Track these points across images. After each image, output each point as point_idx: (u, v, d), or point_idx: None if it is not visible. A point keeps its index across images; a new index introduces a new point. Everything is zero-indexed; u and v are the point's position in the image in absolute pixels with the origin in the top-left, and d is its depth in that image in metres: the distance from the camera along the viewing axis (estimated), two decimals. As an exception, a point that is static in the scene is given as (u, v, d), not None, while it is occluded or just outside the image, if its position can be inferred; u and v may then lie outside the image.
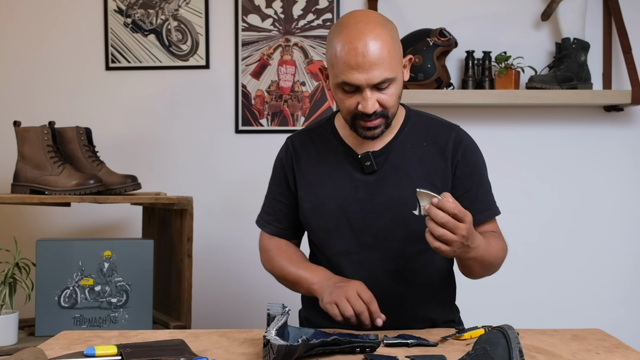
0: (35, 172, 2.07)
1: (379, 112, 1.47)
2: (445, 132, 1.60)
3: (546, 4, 2.48)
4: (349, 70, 1.42)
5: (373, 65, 1.41)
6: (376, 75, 1.42)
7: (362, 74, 1.42)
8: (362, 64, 1.41)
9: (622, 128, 2.56)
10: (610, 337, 1.45)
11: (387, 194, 1.56)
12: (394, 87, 1.47)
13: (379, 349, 1.32)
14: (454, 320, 1.69)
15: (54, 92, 2.61)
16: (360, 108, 1.45)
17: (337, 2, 2.54)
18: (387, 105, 1.47)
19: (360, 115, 1.47)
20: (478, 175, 1.58)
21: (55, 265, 1.96)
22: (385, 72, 1.43)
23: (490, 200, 1.60)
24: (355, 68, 1.41)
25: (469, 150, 1.59)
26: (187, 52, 2.58)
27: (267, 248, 1.69)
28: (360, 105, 1.45)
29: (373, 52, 1.41)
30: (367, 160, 1.55)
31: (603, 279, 2.56)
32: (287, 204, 1.66)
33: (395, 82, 1.47)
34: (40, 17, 2.61)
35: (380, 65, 1.42)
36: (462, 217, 1.31)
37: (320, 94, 2.57)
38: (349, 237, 1.57)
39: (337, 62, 1.44)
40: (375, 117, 1.47)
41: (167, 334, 1.48)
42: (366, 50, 1.41)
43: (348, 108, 1.48)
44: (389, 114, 1.49)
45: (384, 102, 1.46)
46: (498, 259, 1.53)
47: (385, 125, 1.51)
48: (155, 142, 2.60)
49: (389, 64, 1.43)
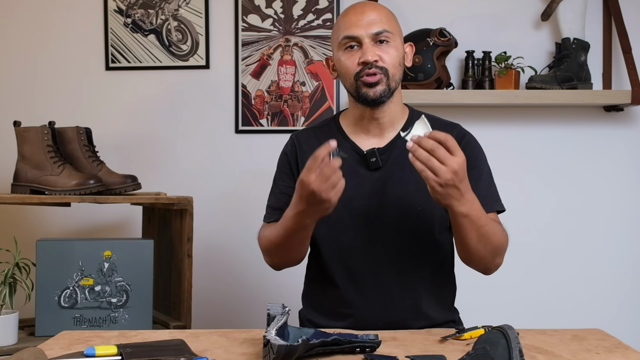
0: (35, 172, 2.07)
1: (380, 65, 1.53)
2: (448, 130, 1.60)
3: (546, 4, 2.48)
4: (349, 27, 1.55)
5: (371, 19, 1.54)
6: (374, 24, 1.54)
7: (361, 26, 1.54)
8: (361, 19, 1.54)
9: (622, 128, 2.56)
10: (610, 337, 1.45)
11: (391, 190, 1.56)
12: (394, 48, 1.55)
13: (379, 348, 1.32)
14: (454, 320, 1.69)
15: (54, 92, 2.61)
16: (362, 59, 1.53)
17: (337, 2, 2.54)
18: (387, 62, 1.54)
19: (362, 71, 1.53)
20: (477, 170, 1.58)
21: (55, 265, 1.96)
22: (383, 24, 1.54)
23: (489, 195, 1.58)
24: (355, 23, 1.54)
25: (470, 146, 1.60)
26: (187, 52, 2.58)
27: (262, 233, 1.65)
28: (362, 57, 1.53)
29: (371, 10, 1.56)
30: (373, 156, 1.57)
31: (603, 278, 2.56)
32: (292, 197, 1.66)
33: (395, 43, 1.56)
34: (40, 17, 2.61)
35: (378, 20, 1.54)
36: (453, 150, 1.31)
37: (320, 93, 2.57)
38: (352, 232, 1.58)
39: (338, 28, 1.58)
40: (375, 69, 1.53)
41: (167, 334, 1.48)
42: (364, 9, 1.56)
43: (350, 67, 1.56)
44: (390, 73, 1.54)
45: (383, 58, 1.54)
46: (496, 238, 1.48)
47: (387, 86, 1.55)
48: (155, 142, 2.60)
49: (388, 22, 1.55)
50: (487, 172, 1.61)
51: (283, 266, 1.65)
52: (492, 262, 1.53)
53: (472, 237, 1.44)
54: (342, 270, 1.60)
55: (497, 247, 1.50)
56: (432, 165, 1.30)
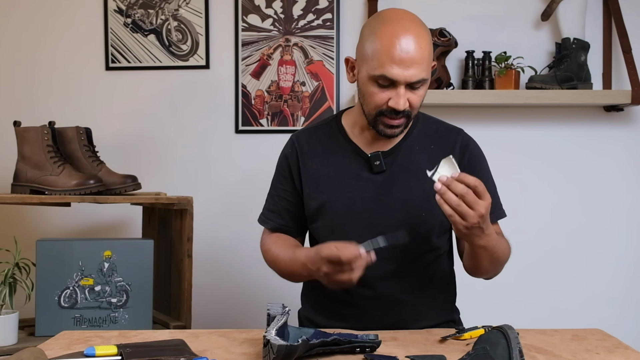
0: (35, 172, 2.07)
1: (407, 111, 1.48)
2: (452, 135, 1.61)
3: (546, 4, 2.48)
4: (390, 64, 1.42)
5: (414, 63, 1.42)
6: (415, 73, 1.43)
7: (403, 69, 1.42)
8: (405, 60, 1.42)
9: (622, 128, 2.56)
10: (610, 337, 1.45)
11: (394, 194, 1.56)
12: (424, 89, 1.49)
13: (379, 348, 1.32)
14: (454, 321, 1.69)
15: (54, 92, 2.61)
16: (392, 104, 1.45)
17: (337, 2, 2.54)
18: (415, 106, 1.49)
19: (387, 112, 1.47)
20: (482, 179, 1.58)
21: (55, 265, 1.96)
22: (422, 72, 1.44)
23: (494, 205, 1.57)
24: (397, 63, 1.42)
25: (475, 154, 1.61)
26: (187, 52, 2.58)
27: (267, 245, 1.67)
28: (392, 101, 1.45)
29: (416, 50, 1.42)
30: (377, 159, 1.56)
31: (603, 278, 2.56)
32: (291, 201, 1.66)
33: (426, 84, 1.49)
34: (40, 17, 2.61)
35: (420, 64, 1.43)
36: (482, 194, 1.31)
37: (321, 94, 2.57)
38: (354, 235, 1.57)
39: (376, 54, 1.44)
40: (401, 116, 1.48)
41: (167, 334, 1.48)
42: (410, 47, 1.42)
43: (377, 102, 1.48)
44: (412, 115, 1.51)
45: (412, 102, 1.48)
46: (504, 256, 1.53)
47: (405, 125, 1.52)
48: (155, 142, 2.60)
49: (427, 65, 1.46)
50: (491, 180, 1.62)
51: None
52: (495, 274, 1.58)
53: (485, 262, 1.49)
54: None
55: (503, 263, 1.55)
56: (462, 211, 1.30)
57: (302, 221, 1.68)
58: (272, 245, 1.64)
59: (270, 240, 1.67)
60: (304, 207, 1.65)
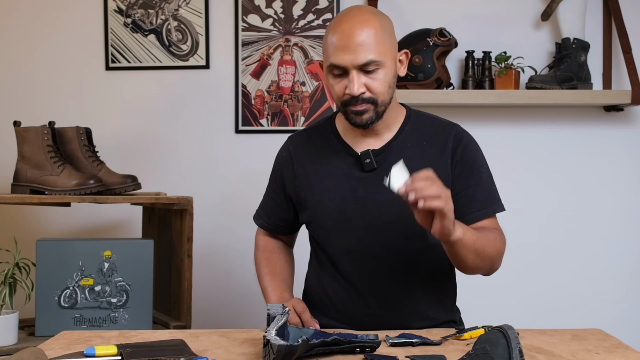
0: (35, 172, 2.07)
1: (367, 97, 1.47)
2: (446, 130, 1.60)
3: (546, 4, 2.48)
4: (335, 53, 1.46)
5: (358, 46, 1.44)
6: (361, 56, 1.44)
7: (347, 54, 1.44)
8: (348, 45, 1.44)
9: (622, 128, 2.56)
10: (610, 337, 1.45)
11: (386, 192, 1.55)
12: (383, 73, 1.47)
13: (379, 348, 1.32)
14: (454, 320, 1.68)
15: (54, 92, 2.61)
16: (347, 90, 1.47)
17: (337, 2, 2.54)
18: (376, 91, 1.47)
19: (348, 100, 1.48)
20: (477, 173, 1.57)
21: (55, 265, 1.96)
22: (370, 53, 1.44)
23: (488, 198, 1.57)
24: (341, 49, 1.45)
25: (469, 148, 1.58)
26: (187, 52, 2.58)
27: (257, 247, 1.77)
28: (347, 87, 1.47)
29: (359, 34, 1.44)
30: (367, 157, 1.55)
31: (603, 278, 2.56)
32: (278, 202, 1.69)
33: (384, 68, 1.47)
34: (40, 17, 2.61)
35: (365, 47, 1.44)
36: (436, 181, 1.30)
37: (321, 93, 2.57)
38: (349, 235, 1.57)
39: (327, 47, 1.49)
40: (362, 102, 1.47)
41: (167, 334, 1.48)
42: (352, 32, 1.44)
43: (337, 93, 1.50)
44: (378, 101, 1.49)
45: (371, 87, 1.47)
46: (493, 248, 1.49)
47: (375, 113, 1.50)
48: (155, 142, 2.60)
49: (376, 47, 1.45)
50: (487, 173, 1.60)
51: None
52: (491, 268, 1.54)
53: (470, 257, 1.45)
54: (341, 272, 1.60)
55: (495, 256, 1.51)
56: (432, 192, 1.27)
57: (290, 223, 1.72)
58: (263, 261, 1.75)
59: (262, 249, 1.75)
60: (292, 211, 1.68)
